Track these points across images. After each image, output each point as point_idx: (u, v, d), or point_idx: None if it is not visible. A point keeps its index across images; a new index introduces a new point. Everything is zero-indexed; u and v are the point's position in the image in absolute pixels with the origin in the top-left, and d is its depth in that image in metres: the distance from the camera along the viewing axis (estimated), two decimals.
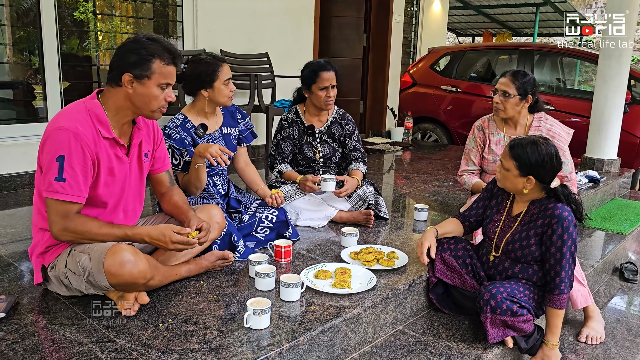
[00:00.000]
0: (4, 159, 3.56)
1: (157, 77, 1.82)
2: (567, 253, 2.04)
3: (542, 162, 2.05)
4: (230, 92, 2.57)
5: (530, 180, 2.09)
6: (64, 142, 1.72)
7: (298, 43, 5.54)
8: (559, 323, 2.12)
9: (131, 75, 1.80)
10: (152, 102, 1.84)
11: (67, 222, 1.76)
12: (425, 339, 2.15)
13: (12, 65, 4.33)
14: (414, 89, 6.97)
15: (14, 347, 1.63)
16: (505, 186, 2.19)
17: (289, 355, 1.72)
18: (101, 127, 1.83)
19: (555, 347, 2.15)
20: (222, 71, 2.53)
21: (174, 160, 2.50)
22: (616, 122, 4.92)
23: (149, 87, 1.82)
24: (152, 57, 1.80)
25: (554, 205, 2.08)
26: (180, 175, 2.56)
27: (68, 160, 1.72)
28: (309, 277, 2.21)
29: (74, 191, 1.75)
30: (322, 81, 2.94)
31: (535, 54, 6.37)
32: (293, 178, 3.00)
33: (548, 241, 2.07)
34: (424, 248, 2.23)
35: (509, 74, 2.90)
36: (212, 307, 1.93)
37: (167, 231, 1.83)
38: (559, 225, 2.03)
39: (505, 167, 2.13)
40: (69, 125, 1.74)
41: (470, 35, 17.78)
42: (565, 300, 2.08)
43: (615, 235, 3.72)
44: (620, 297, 3.21)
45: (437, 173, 4.76)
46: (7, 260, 2.34)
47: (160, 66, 1.82)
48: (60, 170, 1.71)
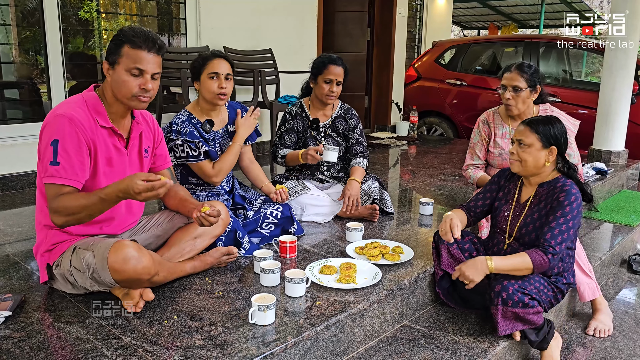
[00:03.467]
0: (10, 158, 3.58)
1: (124, 61, 1.81)
2: (563, 223, 2.03)
3: (560, 131, 2.12)
4: (219, 89, 2.49)
5: (553, 151, 2.12)
6: (59, 127, 1.74)
7: (302, 38, 5.53)
8: (516, 264, 2.02)
9: (107, 62, 1.84)
10: (123, 88, 1.82)
11: (52, 203, 1.73)
12: (432, 333, 2.14)
13: (18, 65, 4.35)
14: (419, 82, 6.94)
15: (20, 345, 1.63)
16: (526, 165, 2.15)
17: (294, 351, 1.72)
18: (98, 117, 1.85)
19: (489, 262, 2.04)
20: (210, 64, 2.49)
21: (193, 152, 2.49)
22: (623, 113, 4.88)
23: (119, 72, 1.82)
24: (122, 41, 1.81)
25: (563, 182, 2.11)
26: (207, 164, 2.55)
27: (62, 144, 1.73)
28: (314, 272, 2.21)
29: (67, 174, 1.74)
30: (329, 74, 2.93)
31: (540, 45, 6.32)
32: (296, 156, 2.96)
33: (550, 209, 2.08)
34: (453, 224, 2.12)
35: (514, 67, 2.86)
36: (217, 303, 1.93)
37: (132, 182, 1.64)
38: (564, 197, 2.06)
39: (526, 144, 2.14)
40: (64, 112, 1.76)
41: (475, 28, 17.66)
42: (542, 265, 2.00)
43: (623, 227, 3.69)
44: (628, 290, 3.19)
45: (442, 167, 4.74)
46: (14, 259, 2.35)
47: (127, 50, 1.81)
48: (54, 154, 1.72)
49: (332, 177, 3.16)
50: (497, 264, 2.04)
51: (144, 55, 1.81)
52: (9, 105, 4.15)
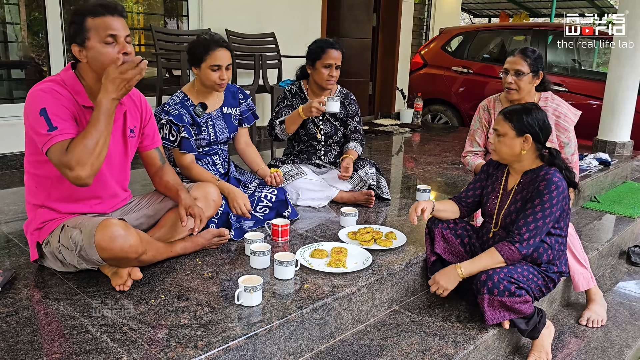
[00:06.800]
0: (8, 138, 3.58)
1: (94, 33, 1.76)
2: (539, 211, 2.02)
3: (535, 119, 2.10)
4: (220, 80, 2.47)
5: (527, 139, 2.09)
6: (42, 97, 1.73)
7: (306, 23, 5.48)
8: (485, 263, 2.06)
9: (76, 44, 1.79)
10: (105, 61, 1.77)
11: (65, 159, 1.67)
12: (421, 319, 2.14)
13: (24, 45, 4.36)
14: (425, 70, 6.88)
15: (7, 320, 1.65)
16: (501, 155, 2.16)
17: (279, 332, 1.72)
18: (77, 96, 1.82)
19: (459, 270, 2.08)
20: (212, 56, 2.43)
21: (170, 137, 2.47)
22: (630, 103, 4.81)
23: (94, 48, 1.77)
24: (82, 17, 1.76)
25: (546, 171, 2.09)
26: (177, 152, 2.52)
27: (51, 110, 1.71)
28: (304, 256, 2.20)
29: (69, 130, 1.72)
30: (328, 58, 2.90)
31: (549, 34, 6.22)
32: (295, 114, 2.91)
33: (530, 197, 2.08)
34: (418, 207, 2.20)
35: (518, 52, 2.82)
36: (205, 284, 1.94)
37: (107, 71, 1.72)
38: (545, 186, 2.04)
39: (500, 134, 2.13)
40: (43, 87, 1.75)
41: (486, 16, 17.44)
42: (512, 256, 2.02)
43: (624, 218, 3.65)
44: (625, 281, 3.17)
45: (444, 155, 4.70)
46: (8, 237, 2.37)
47: (91, 22, 1.76)
48: (47, 121, 1.69)
49: (329, 162, 3.14)
50: (467, 269, 2.08)
51: (110, 20, 1.77)
52: (9, 85, 4.16)
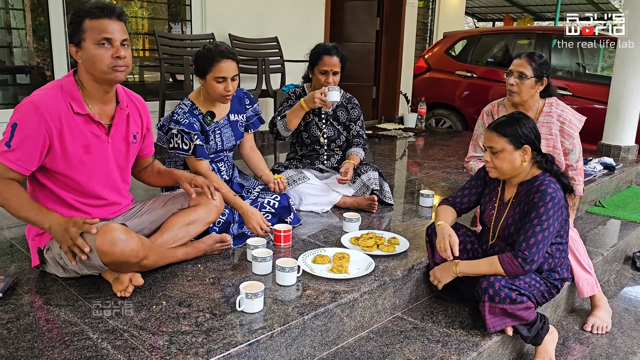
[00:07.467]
0: None
1: (89, 35, 1.79)
2: (537, 225, 1.99)
3: (528, 128, 2.07)
4: (225, 92, 2.45)
5: (526, 150, 2.07)
6: (23, 113, 1.76)
7: (309, 27, 5.48)
8: (483, 269, 2.04)
9: (73, 45, 1.82)
10: (97, 63, 1.80)
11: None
12: (424, 326, 2.12)
13: (29, 50, 4.39)
14: (429, 74, 6.86)
15: (8, 326, 1.65)
16: (503, 171, 2.11)
17: (281, 339, 1.71)
18: (73, 103, 1.83)
19: (455, 267, 2.09)
20: (217, 68, 2.41)
21: (184, 146, 2.45)
22: (634, 107, 4.77)
23: (88, 49, 1.80)
24: (81, 18, 1.79)
25: (540, 181, 2.06)
26: (192, 160, 2.50)
27: (19, 129, 1.75)
28: (306, 261, 2.19)
29: (16, 159, 1.76)
30: (323, 65, 2.90)
31: (553, 37, 6.20)
32: (297, 107, 2.89)
33: (527, 210, 2.05)
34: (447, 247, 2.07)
35: (524, 55, 2.82)
36: (207, 290, 1.93)
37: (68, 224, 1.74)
38: (539, 198, 2.01)
39: (497, 150, 2.08)
40: (33, 99, 1.77)
41: (490, 20, 17.40)
42: (514, 269, 1.98)
43: (629, 223, 3.63)
44: (631, 287, 3.14)
45: (448, 159, 4.69)
46: (11, 242, 2.37)
47: (89, 23, 1.78)
48: (10, 136, 1.75)
49: (331, 167, 3.14)
50: (462, 269, 2.09)
51: (107, 23, 1.79)
52: (14, 90, 4.19)
